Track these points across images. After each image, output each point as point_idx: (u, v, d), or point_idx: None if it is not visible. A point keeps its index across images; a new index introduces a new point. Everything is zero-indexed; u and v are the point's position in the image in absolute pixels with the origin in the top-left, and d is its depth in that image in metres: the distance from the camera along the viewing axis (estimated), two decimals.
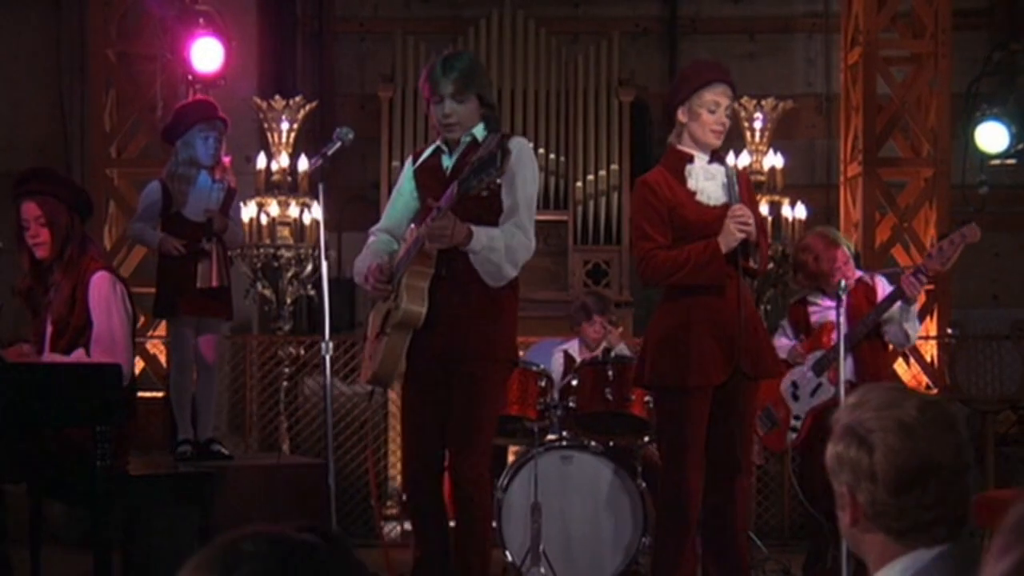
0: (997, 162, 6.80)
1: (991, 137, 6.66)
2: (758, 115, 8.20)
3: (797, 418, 5.58)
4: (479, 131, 4.50)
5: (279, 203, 7.86)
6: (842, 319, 4.95)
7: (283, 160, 7.98)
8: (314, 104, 8.17)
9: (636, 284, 8.83)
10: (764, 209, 8.11)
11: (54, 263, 4.81)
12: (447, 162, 4.56)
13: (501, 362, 4.57)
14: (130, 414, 4.60)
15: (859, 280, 5.52)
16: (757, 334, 4.67)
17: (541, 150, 8.77)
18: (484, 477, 4.58)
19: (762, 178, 8.07)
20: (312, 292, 8.08)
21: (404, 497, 4.78)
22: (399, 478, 8.15)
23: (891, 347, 5.60)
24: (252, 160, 7.92)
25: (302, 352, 8.02)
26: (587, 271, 8.71)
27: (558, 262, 8.82)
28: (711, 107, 4.58)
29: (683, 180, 4.64)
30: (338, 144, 4.44)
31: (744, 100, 8.24)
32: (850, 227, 7.87)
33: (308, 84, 9.76)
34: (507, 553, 5.62)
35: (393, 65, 8.93)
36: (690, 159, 4.65)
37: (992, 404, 6.99)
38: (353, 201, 9.38)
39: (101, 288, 4.74)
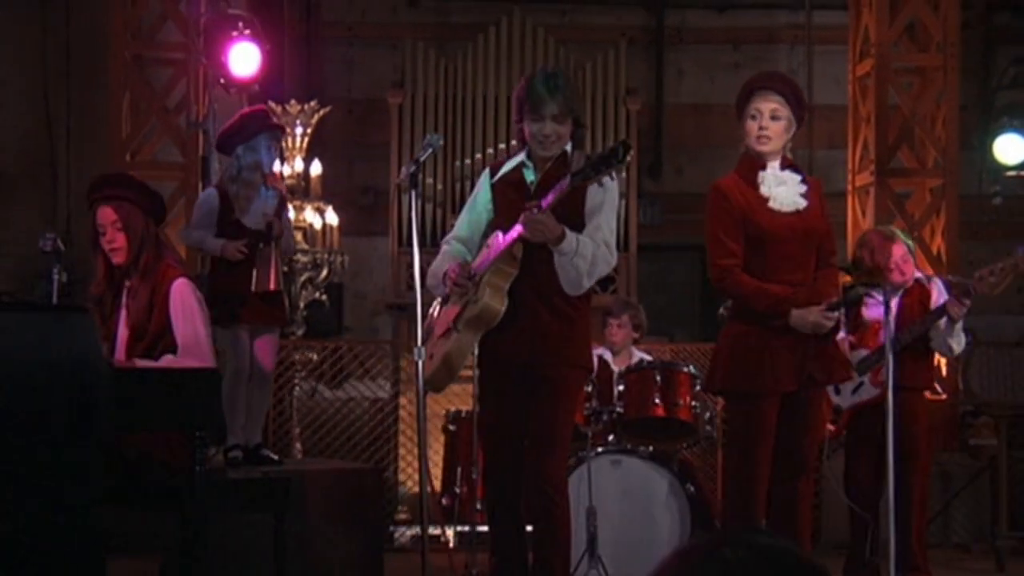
0: (1012, 173, 6.97)
1: (1009, 148, 6.82)
2: None
3: (836, 410, 5.66)
4: (567, 147, 4.59)
5: (294, 208, 7.85)
6: (891, 323, 5.02)
7: (297, 165, 7.96)
8: (328, 109, 8.16)
9: (643, 290, 8.93)
10: None
11: (130, 269, 4.78)
12: (530, 176, 4.62)
13: (579, 368, 4.64)
14: None
15: (916, 281, 5.59)
16: (827, 340, 4.76)
17: None
18: (564, 481, 4.64)
19: None
20: (324, 297, 8.09)
21: (483, 502, 4.80)
22: (408, 483, 8.20)
23: (936, 355, 5.71)
24: None
25: (313, 357, 8.03)
26: None
27: None
28: (753, 114, 4.70)
29: (756, 186, 4.72)
30: (429, 150, 4.48)
31: None
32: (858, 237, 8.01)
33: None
34: None
35: (403, 71, 8.95)
36: (762, 165, 4.73)
37: (1005, 410, 7.15)
38: (344, 207, 9.40)
39: (184, 295, 4.72)
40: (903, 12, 8.00)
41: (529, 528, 4.64)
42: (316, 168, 7.90)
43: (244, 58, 6.44)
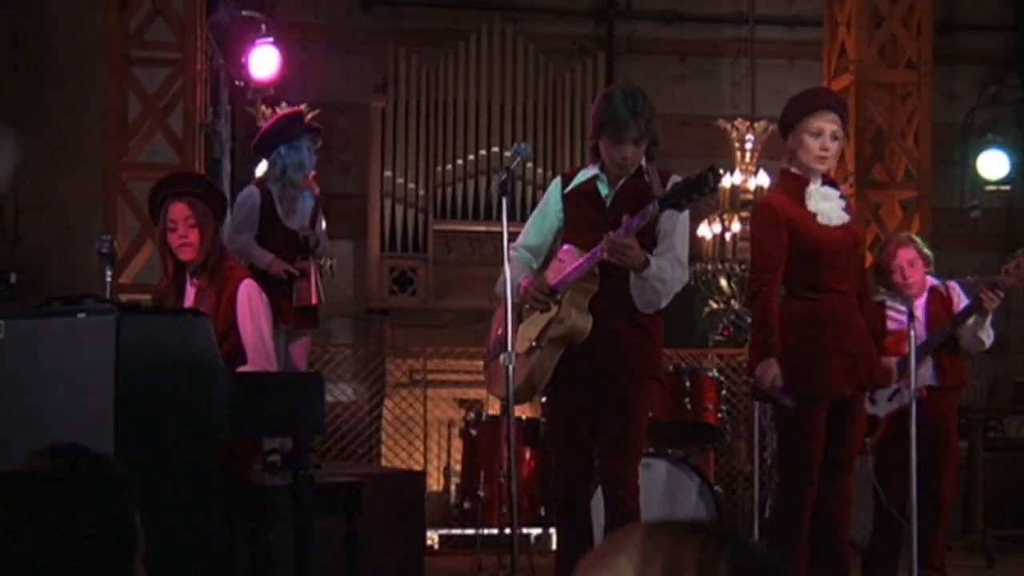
0: (992, 188, 7.30)
1: (992, 164, 7.16)
2: (749, 136, 8.55)
3: (872, 419, 5.84)
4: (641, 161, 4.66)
5: None
6: (913, 330, 5.22)
7: None
8: (316, 111, 8.16)
9: None
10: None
11: (200, 267, 4.75)
12: (604, 190, 4.68)
13: (654, 379, 4.74)
14: None
15: (933, 289, 5.78)
16: (871, 347, 4.96)
17: (530, 164, 8.97)
18: (637, 485, 4.75)
19: (750, 196, 8.44)
20: None
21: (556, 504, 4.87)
22: None
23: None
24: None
25: None
26: None
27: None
28: (815, 132, 4.84)
29: (803, 203, 4.88)
30: (519, 159, 4.54)
31: (737, 122, 8.60)
32: None
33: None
34: None
35: (385, 76, 8.98)
36: (806, 182, 4.89)
37: (981, 414, 7.48)
38: None
39: (252, 296, 4.71)
40: (881, 31, 8.30)
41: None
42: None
43: (264, 61, 6.43)
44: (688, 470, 5.94)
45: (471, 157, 8.91)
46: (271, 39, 6.41)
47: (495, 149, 8.95)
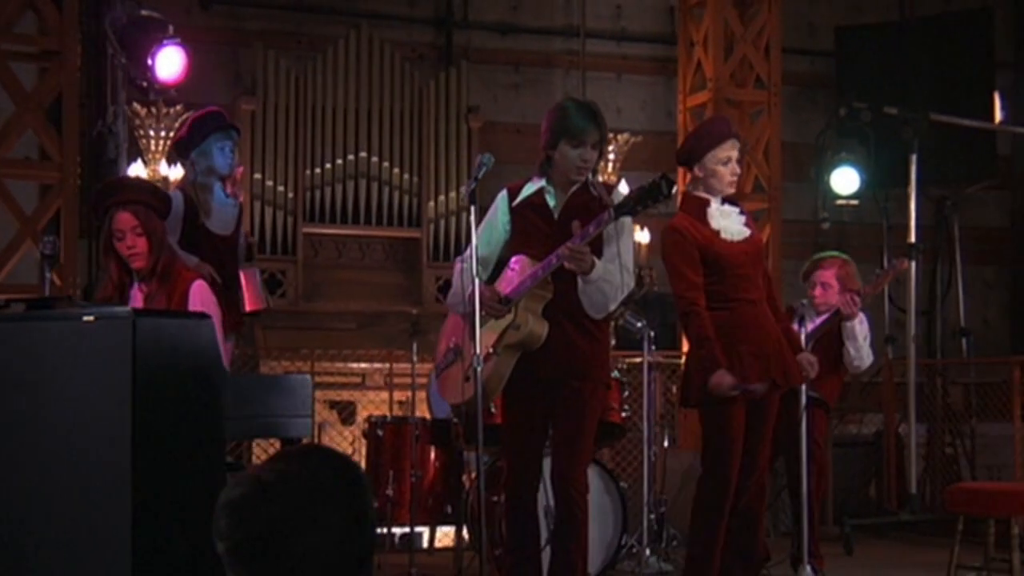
0: (842, 202, 7.88)
1: (844, 180, 7.73)
2: (611, 148, 8.92)
3: None
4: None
5: None
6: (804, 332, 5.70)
7: (163, 168, 7.90)
8: (189, 114, 8.09)
9: None
10: None
11: (150, 273, 4.74)
12: (552, 201, 4.88)
13: (602, 384, 4.98)
14: None
15: (836, 312, 6.25)
16: (784, 348, 5.32)
17: (396, 170, 9.11)
18: (586, 484, 4.98)
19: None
20: None
21: (506, 502, 5.03)
22: None
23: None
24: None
25: None
26: (439, 287, 9.10)
27: (411, 278, 9.18)
28: (724, 161, 5.20)
29: (706, 222, 5.21)
30: (484, 168, 4.69)
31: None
32: None
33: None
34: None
35: (254, 77, 8.96)
36: (707, 203, 5.23)
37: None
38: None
39: (203, 296, 4.70)
40: (736, 52, 8.81)
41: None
42: (178, 171, 7.84)
43: (169, 62, 6.38)
44: (596, 467, 6.20)
45: (339, 161, 8.99)
46: (177, 40, 6.36)
47: (363, 154, 9.05)
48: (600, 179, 5.11)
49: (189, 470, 3.80)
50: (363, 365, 8.17)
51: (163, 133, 7.94)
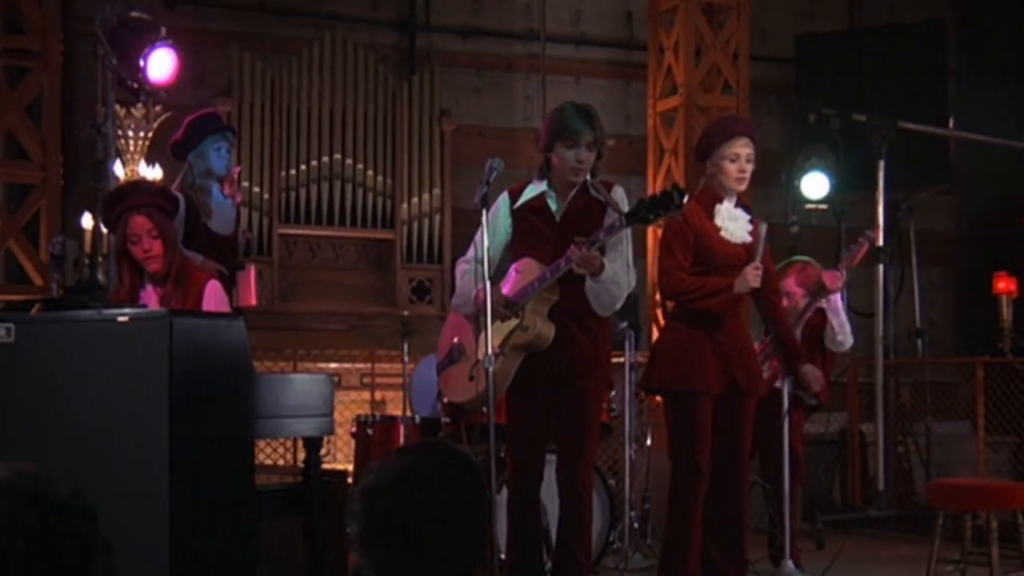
0: (811, 206, 8.09)
1: (814, 185, 7.94)
2: None
3: None
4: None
5: None
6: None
7: (143, 168, 7.90)
8: (168, 114, 8.12)
9: None
10: None
11: (165, 276, 4.79)
12: (554, 205, 4.99)
13: (605, 382, 5.14)
14: None
15: (818, 310, 6.42)
16: (750, 356, 5.44)
17: (370, 172, 9.19)
18: (591, 481, 5.11)
19: None
20: None
21: (512, 498, 5.13)
22: None
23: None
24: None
25: None
26: (412, 288, 9.19)
27: (385, 279, 9.27)
28: (732, 158, 5.35)
29: (712, 216, 5.36)
30: (495, 172, 4.77)
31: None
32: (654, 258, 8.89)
33: None
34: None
35: (230, 78, 8.99)
36: (719, 200, 5.39)
37: None
38: None
39: (218, 296, 4.78)
40: (706, 58, 8.99)
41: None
42: (157, 172, 7.86)
43: (161, 63, 6.40)
44: None
45: (314, 163, 9.05)
46: (169, 42, 6.39)
47: (337, 156, 9.12)
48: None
49: (222, 470, 3.87)
50: (345, 365, 8.24)
51: (141, 134, 7.94)
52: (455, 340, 5.19)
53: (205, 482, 3.80)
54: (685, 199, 4.64)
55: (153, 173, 7.94)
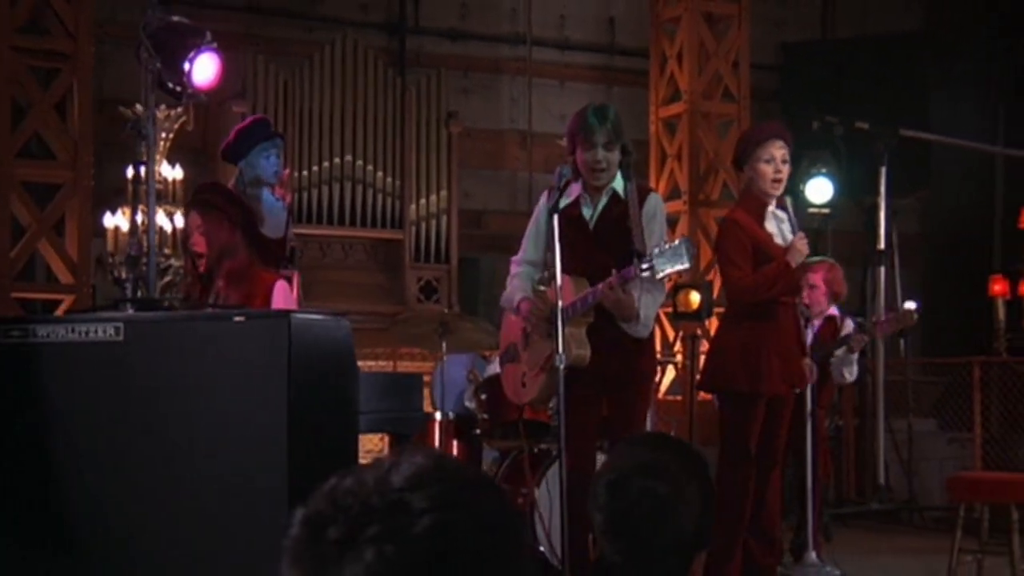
0: (814, 210, 8.36)
1: (818, 190, 8.22)
2: None
3: None
4: (618, 184, 5.05)
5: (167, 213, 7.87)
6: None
7: (164, 169, 7.99)
8: (184, 118, 8.21)
9: (464, 299, 9.60)
10: None
11: (211, 273, 4.84)
12: (587, 213, 5.08)
13: (651, 378, 5.40)
14: None
15: (830, 318, 6.70)
16: (802, 354, 5.71)
17: (379, 173, 9.35)
18: None
19: None
20: None
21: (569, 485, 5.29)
22: None
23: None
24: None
25: None
26: (420, 287, 9.37)
27: (393, 279, 9.43)
28: (767, 159, 5.53)
29: (761, 222, 5.57)
30: (564, 179, 4.91)
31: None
32: None
33: None
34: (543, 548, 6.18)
35: (244, 81, 9.11)
36: (764, 205, 5.58)
37: None
38: None
39: (287, 296, 4.86)
40: (708, 66, 9.25)
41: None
42: (178, 172, 7.96)
43: (205, 67, 6.51)
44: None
45: (325, 164, 9.20)
46: (214, 46, 6.50)
47: (348, 157, 9.27)
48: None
49: (333, 467, 4.00)
50: (369, 363, 8.40)
51: (163, 135, 8.02)
52: (510, 340, 5.35)
53: (319, 480, 3.93)
54: (691, 253, 4.68)
55: (174, 173, 8.04)
